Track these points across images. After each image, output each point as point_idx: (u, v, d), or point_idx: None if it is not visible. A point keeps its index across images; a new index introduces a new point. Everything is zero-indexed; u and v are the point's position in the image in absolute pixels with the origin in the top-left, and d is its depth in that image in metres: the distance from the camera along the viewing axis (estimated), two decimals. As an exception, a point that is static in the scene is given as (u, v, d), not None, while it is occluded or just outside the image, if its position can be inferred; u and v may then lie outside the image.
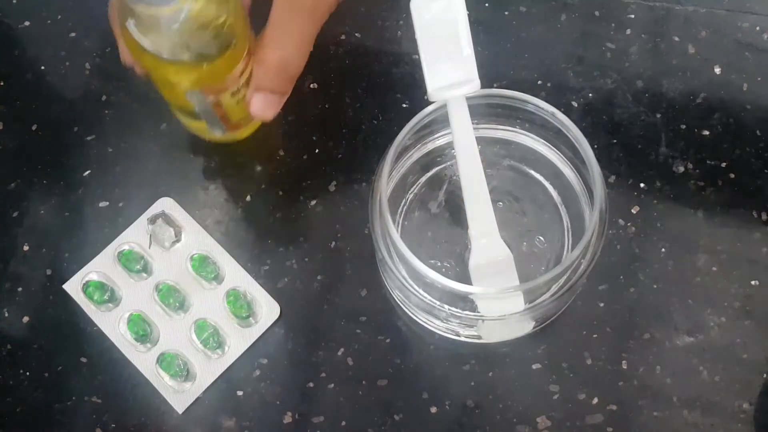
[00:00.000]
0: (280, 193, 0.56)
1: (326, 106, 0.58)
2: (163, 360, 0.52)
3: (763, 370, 0.51)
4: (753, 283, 0.53)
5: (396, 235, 0.45)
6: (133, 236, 0.55)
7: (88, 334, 0.53)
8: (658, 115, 0.57)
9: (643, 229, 0.54)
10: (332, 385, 0.52)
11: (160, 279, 0.54)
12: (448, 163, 0.54)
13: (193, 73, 0.46)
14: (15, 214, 0.57)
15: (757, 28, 0.59)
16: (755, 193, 0.55)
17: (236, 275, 0.54)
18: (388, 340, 0.53)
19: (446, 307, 0.46)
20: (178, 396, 0.52)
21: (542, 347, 0.52)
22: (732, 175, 0.55)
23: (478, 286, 0.47)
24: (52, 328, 0.54)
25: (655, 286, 0.53)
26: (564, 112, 0.47)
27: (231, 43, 0.45)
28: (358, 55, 0.59)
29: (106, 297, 0.53)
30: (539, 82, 0.58)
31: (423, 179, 0.54)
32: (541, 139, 0.52)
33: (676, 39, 0.59)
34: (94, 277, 0.54)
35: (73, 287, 0.54)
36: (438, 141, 0.53)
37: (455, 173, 0.53)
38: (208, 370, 0.52)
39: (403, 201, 0.54)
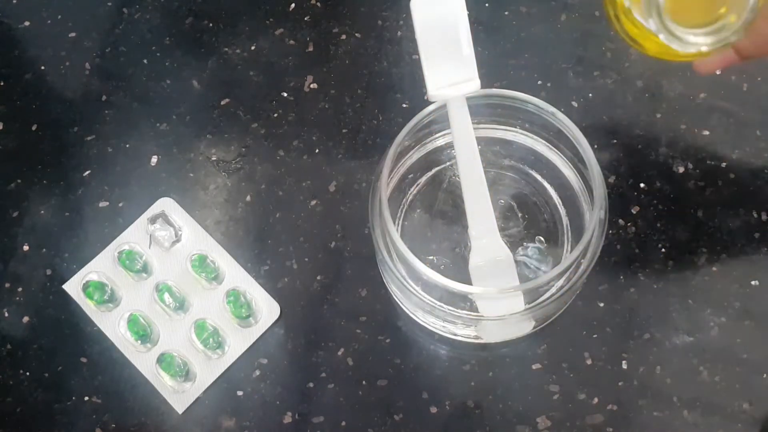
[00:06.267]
0: (280, 193, 0.56)
1: (326, 106, 0.58)
2: (163, 360, 0.52)
3: (763, 370, 0.51)
4: (753, 283, 0.53)
5: (396, 235, 0.45)
6: (133, 236, 0.55)
7: (88, 334, 0.53)
8: (658, 115, 0.57)
9: (643, 229, 0.54)
10: (332, 385, 0.52)
11: (160, 279, 0.54)
12: (448, 163, 0.54)
13: None
14: (15, 214, 0.57)
15: (757, 28, 0.59)
16: (755, 193, 0.55)
17: (236, 275, 0.54)
18: (388, 340, 0.53)
19: (446, 307, 0.46)
20: (178, 396, 0.52)
21: (542, 347, 0.52)
22: (732, 175, 0.55)
23: (478, 286, 0.47)
24: (52, 328, 0.54)
25: (655, 286, 0.53)
26: (564, 112, 0.47)
27: None
28: (358, 55, 0.59)
29: (106, 297, 0.53)
30: (539, 82, 0.58)
31: (423, 179, 0.54)
32: (541, 139, 0.52)
33: (676, 39, 0.59)
34: (94, 277, 0.54)
35: (73, 287, 0.54)
36: (438, 141, 0.53)
37: (455, 173, 0.53)
38: (208, 370, 0.52)
39: (403, 201, 0.54)
